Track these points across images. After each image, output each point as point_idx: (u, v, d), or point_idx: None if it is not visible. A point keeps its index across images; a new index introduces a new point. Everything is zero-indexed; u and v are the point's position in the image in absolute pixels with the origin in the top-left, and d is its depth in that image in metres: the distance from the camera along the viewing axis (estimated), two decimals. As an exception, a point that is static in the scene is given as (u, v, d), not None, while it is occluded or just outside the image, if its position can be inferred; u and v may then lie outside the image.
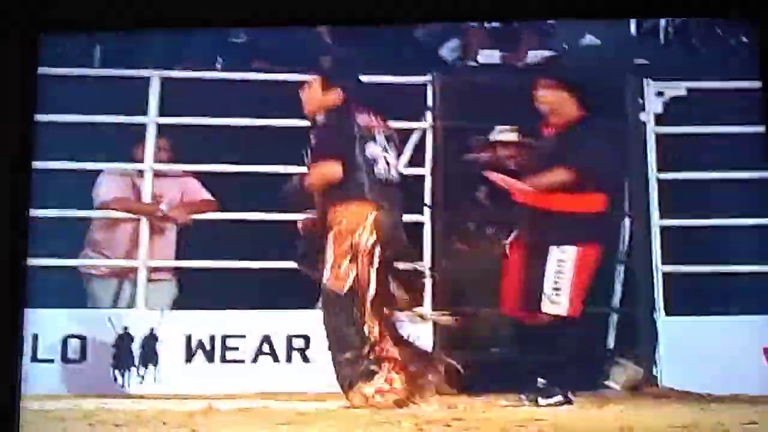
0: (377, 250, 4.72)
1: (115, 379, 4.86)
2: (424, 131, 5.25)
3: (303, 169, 4.90)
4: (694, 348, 4.87)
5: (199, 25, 5.21)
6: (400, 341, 4.72)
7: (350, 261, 4.71)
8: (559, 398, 4.69)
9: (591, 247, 4.80)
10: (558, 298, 4.75)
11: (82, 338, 4.89)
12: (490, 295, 4.90)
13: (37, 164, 4.59)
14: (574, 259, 4.76)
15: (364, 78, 5.05)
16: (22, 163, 4.63)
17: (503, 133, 5.14)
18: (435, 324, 4.89)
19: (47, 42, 4.69)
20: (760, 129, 4.61)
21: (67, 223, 5.04)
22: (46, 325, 4.74)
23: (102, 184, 5.16)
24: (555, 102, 4.94)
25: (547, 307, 4.76)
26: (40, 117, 4.63)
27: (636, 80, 5.25)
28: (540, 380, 4.71)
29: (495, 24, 5.41)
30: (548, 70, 5.21)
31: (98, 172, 5.15)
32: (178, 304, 5.09)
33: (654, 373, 4.95)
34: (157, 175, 5.18)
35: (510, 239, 4.90)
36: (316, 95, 4.96)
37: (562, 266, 4.76)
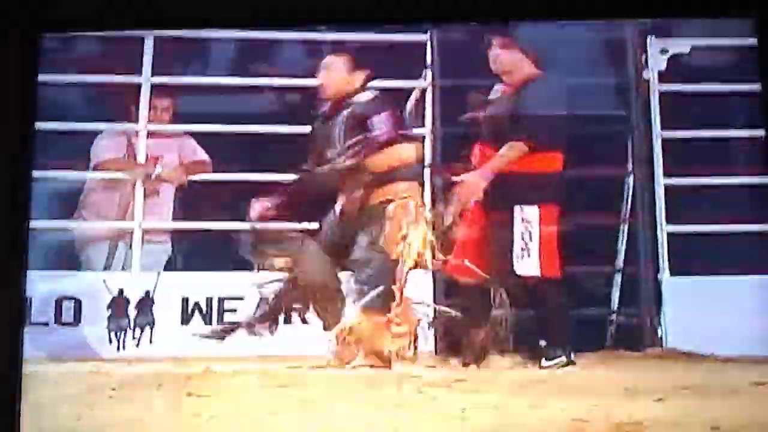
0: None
1: (111, 342, 4.80)
2: (423, 91, 5.19)
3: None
4: (699, 308, 4.82)
5: (199, 25, 5.28)
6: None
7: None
8: (561, 359, 4.63)
9: (552, 207, 4.75)
10: (529, 259, 4.72)
11: (77, 300, 4.83)
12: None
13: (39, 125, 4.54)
14: (538, 220, 4.73)
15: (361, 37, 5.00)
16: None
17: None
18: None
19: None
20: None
21: (62, 183, 5.02)
22: (40, 288, 4.66)
23: (98, 145, 5.12)
24: (508, 62, 4.91)
25: (519, 268, 4.72)
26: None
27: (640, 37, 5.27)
28: (541, 341, 4.66)
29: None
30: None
31: (96, 133, 5.13)
32: (175, 266, 5.05)
33: (659, 334, 4.90)
34: (155, 135, 5.13)
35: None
36: (340, 76, 4.82)
37: (528, 227, 4.72)
